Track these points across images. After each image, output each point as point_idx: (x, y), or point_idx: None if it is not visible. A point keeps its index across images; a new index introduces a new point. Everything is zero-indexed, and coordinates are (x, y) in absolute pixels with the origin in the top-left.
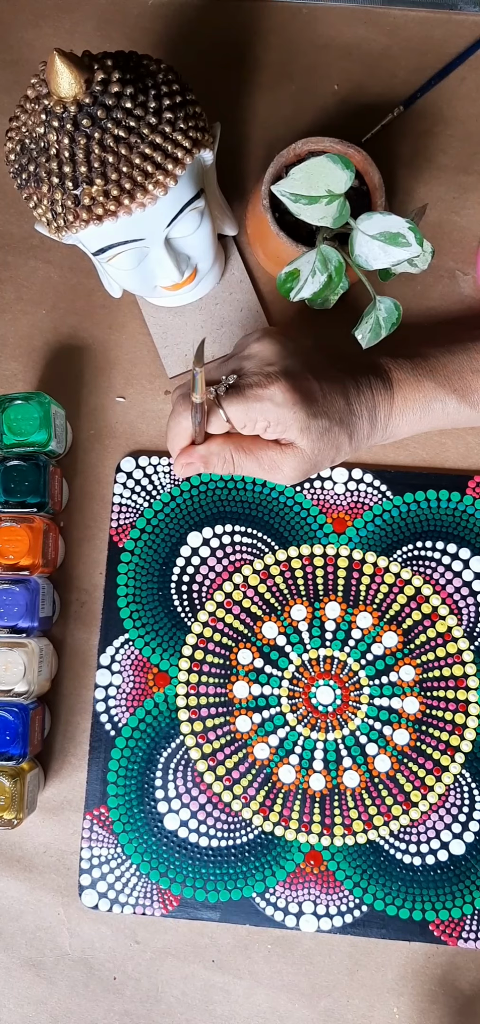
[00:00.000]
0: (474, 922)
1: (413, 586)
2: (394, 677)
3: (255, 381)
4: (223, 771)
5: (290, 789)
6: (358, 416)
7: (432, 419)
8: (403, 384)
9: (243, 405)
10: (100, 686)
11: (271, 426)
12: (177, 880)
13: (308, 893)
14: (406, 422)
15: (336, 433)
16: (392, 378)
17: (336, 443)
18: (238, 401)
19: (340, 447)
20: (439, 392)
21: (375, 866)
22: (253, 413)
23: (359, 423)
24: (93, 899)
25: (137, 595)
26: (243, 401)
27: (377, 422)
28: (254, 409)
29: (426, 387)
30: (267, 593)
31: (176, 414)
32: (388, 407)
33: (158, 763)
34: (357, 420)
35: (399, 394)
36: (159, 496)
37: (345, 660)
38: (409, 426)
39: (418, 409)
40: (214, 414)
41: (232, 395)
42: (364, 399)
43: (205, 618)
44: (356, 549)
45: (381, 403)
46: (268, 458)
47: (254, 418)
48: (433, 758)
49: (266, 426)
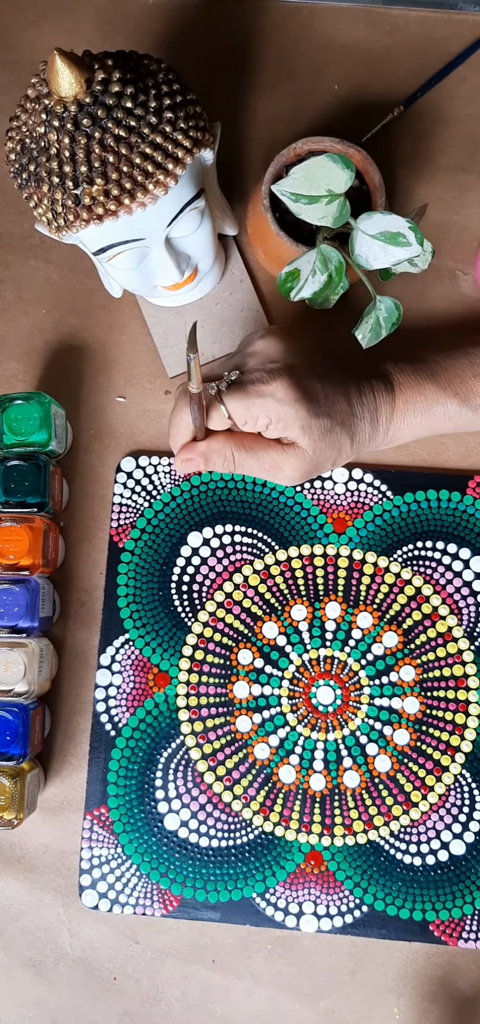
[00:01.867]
0: (474, 922)
1: (413, 586)
2: (394, 677)
3: (257, 377)
4: (223, 771)
5: (290, 789)
6: (360, 418)
7: (433, 423)
8: (405, 387)
9: (245, 401)
10: (100, 686)
11: (272, 423)
12: (177, 880)
13: (308, 893)
14: (407, 425)
15: (338, 434)
16: (394, 381)
17: (337, 444)
18: (240, 397)
19: (342, 448)
20: (440, 396)
21: (375, 866)
22: (255, 409)
23: (361, 425)
24: (93, 899)
25: (137, 595)
26: (245, 397)
27: (379, 425)
28: (256, 405)
29: (427, 391)
30: (267, 593)
31: (178, 409)
32: (390, 410)
33: (158, 763)
34: (359, 422)
35: (401, 397)
36: (159, 496)
37: (345, 660)
38: (411, 429)
39: (419, 412)
40: (215, 409)
41: (234, 391)
42: (366, 401)
43: (205, 618)
44: (356, 549)
45: (383, 406)
46: (269, 457)
47: (255, 414)
48: (433, 758)
49: (267, 423)
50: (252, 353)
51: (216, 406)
